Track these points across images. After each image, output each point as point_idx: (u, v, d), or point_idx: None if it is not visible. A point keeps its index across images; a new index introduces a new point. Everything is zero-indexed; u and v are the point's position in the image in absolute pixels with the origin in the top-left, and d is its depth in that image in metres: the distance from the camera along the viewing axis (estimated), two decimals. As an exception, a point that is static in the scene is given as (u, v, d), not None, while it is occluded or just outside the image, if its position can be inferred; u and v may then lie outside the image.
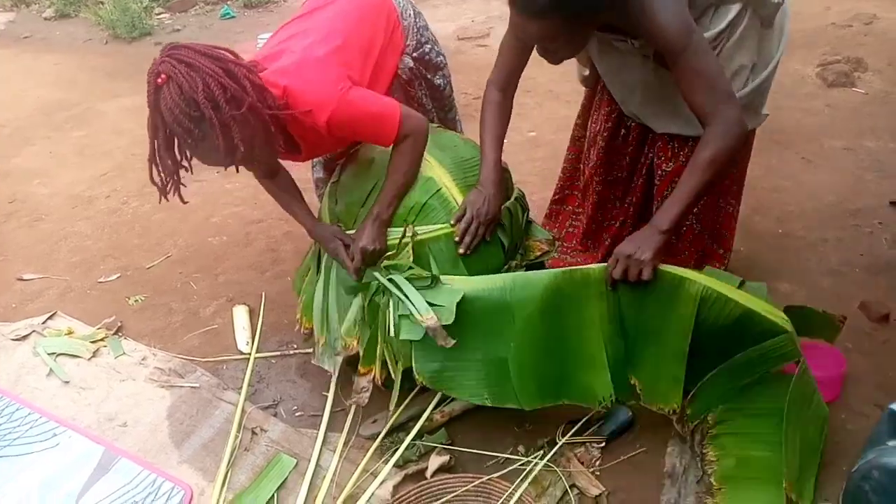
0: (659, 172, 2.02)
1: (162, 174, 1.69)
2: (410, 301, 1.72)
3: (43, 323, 2.47)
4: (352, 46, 1.87)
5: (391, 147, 1.87)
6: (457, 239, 1.85)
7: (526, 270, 1.93)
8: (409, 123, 1.82)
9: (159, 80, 1.56)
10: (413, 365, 1.75)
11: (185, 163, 1.68)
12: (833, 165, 3.00)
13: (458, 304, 1.69)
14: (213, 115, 1.55)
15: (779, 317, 1.67)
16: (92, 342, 2.35)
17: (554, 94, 3.87)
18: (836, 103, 3.50)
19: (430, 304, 1.70)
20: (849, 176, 2.93)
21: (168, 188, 1.71)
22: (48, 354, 2.30)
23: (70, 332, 2.40)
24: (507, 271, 1.92)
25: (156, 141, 1.63)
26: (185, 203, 1.81)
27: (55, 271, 2.83)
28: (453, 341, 1.68)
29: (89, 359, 2.29)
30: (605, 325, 1.71)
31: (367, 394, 1.90)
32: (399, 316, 1.74)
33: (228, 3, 6.16)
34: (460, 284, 1.76)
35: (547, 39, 1.58)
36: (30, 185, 3.55)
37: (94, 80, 4.88)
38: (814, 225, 2.64)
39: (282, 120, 1.73)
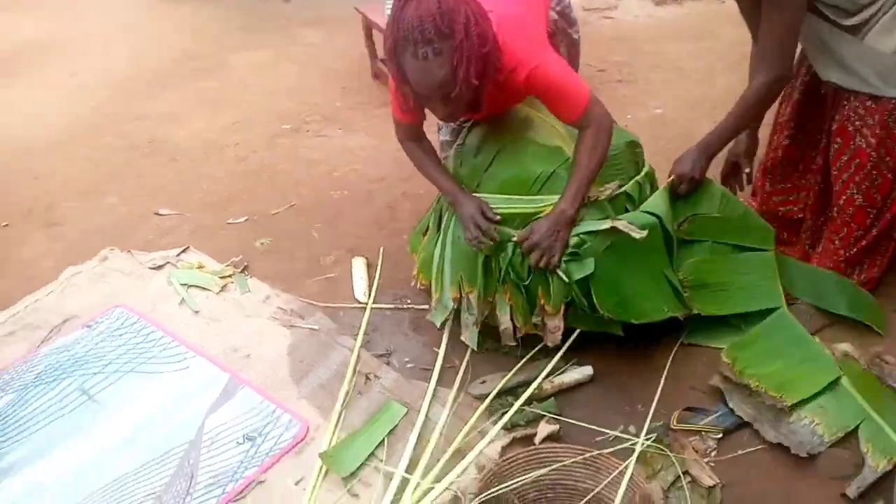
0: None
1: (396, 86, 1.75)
2: (585, 230, 1.83)
3: (177, 255, 2.63)
4: (534, 5, 1.89)
5: (570, 134, 1.86)
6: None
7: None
8: (597, 110, 1.82)
9: None
10: (594, 301, 1.84)
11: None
12: None
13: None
14: (463, 41, 1.59)
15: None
16: (220, 277, 2.48)
17: (684, 72, 3.73)
18: None
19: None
20: None
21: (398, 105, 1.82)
22: (181, 285, 2.45)
23: (201, 267, 2.55)
24: None
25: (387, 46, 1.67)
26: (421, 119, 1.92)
27: (188, 210, 2.99)
28: (644, 232, 1.80)
29: (217, 293, 2.43)
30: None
31: (559, 333, 1.93)
32: (565, 262, 1.83)
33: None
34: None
35: None
36: (166, 128, 3.75)
37: (226, 32, 5.06)
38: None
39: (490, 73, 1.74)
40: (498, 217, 1.89)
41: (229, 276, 2.50)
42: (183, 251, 2.66)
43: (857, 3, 1.76)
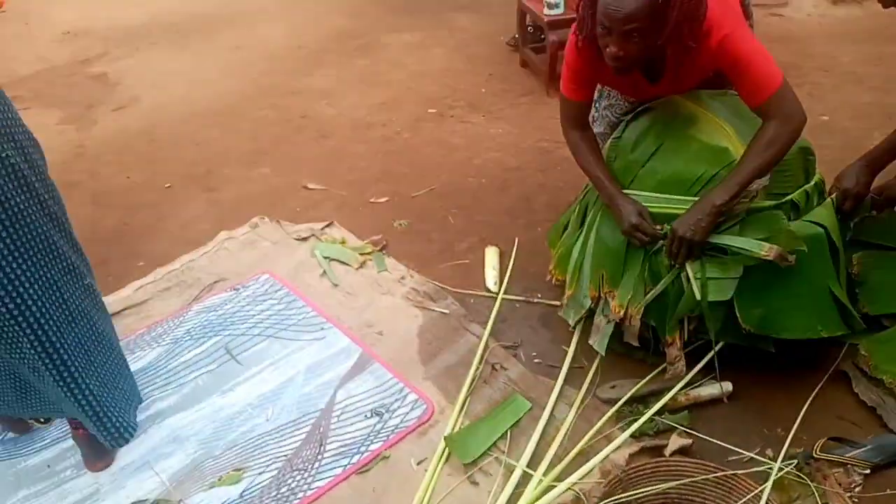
0: None
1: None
2: (739, 246, 1.73)
3: (321, 229, 2.75)
4: None
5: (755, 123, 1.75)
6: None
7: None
8: (788, 103, 1.70)
9: None
10: (738, 314, 1.76)
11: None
12: None
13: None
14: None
15: None
16: (360, 254, 2.57)
17: (856, 77, 3.44)
18: None
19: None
20: None
21: (580, 27, 1.74)
22: (323, 258, 2.56)
23: (343, 242, 2.65)
24: None
25: None
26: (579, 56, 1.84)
27: (334, 185, 3.11)
28: (793, 258, 1.70)
29: (356, 269, 2.51)
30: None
31: (682, 363, 1.87)
32: (706, 278, 1.76)
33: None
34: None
35: None
36: (319, 104, 3.92)
37: (382, 13, 5.20)
38: None
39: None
40: (658, 230, 1.81)
41: (368, 253, 2.58)
42: (327, 225, 2.78)
43: None
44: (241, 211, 2.94)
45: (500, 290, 2.38)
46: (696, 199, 1.80)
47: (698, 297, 1.75)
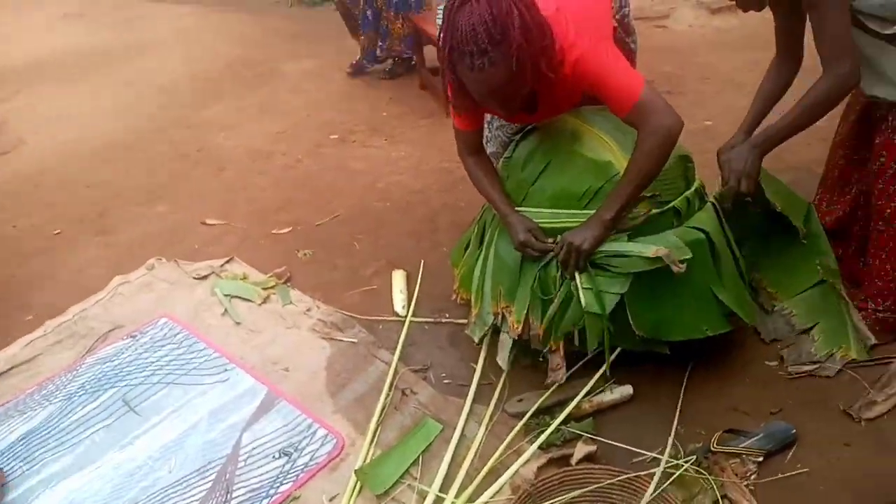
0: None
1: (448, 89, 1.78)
2: (628, 251, 1.80)
3: (221, 266, 2.68)
4: (593, 5, 1.89)
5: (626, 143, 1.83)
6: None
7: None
8: (655, 110, 1.71)
9: None
10: (631, 321, 1.82)
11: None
12: None
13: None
14: (522, 41, 1.57)
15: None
16: (263, 289, 2.52)
17: (735, 83, 3.64)
18: None
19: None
20: None
21: (449, 103, 1.82)
22: (224, 295, 2.50)
23: (244, 277, 2.59)
24: None
25: (441, 54, 1.68)
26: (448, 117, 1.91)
27: (234, 219, 3.05)
28: (683, 267, 1.76)
29: (260, 304, 2.46)
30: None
31: (562, 371, 1.91)
32: (596, 290, 1.81)
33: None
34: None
35: None
36: (216, 136, 3.84)
37: (279, 41, 5.16)
38: None
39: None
40: (549, 244, 1.86)
41: (272, 287, 2.54)
42: (228, 261, 2.71)
43: (893, 9, 1.70)
44: (137, 253, 2.84)
45: (408, 313, 2.38)
46: (586, 211, 1.86)
47: (584, 305, 1.80)
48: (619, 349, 1.93)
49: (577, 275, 1.82)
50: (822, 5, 1.70)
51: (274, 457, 1.87)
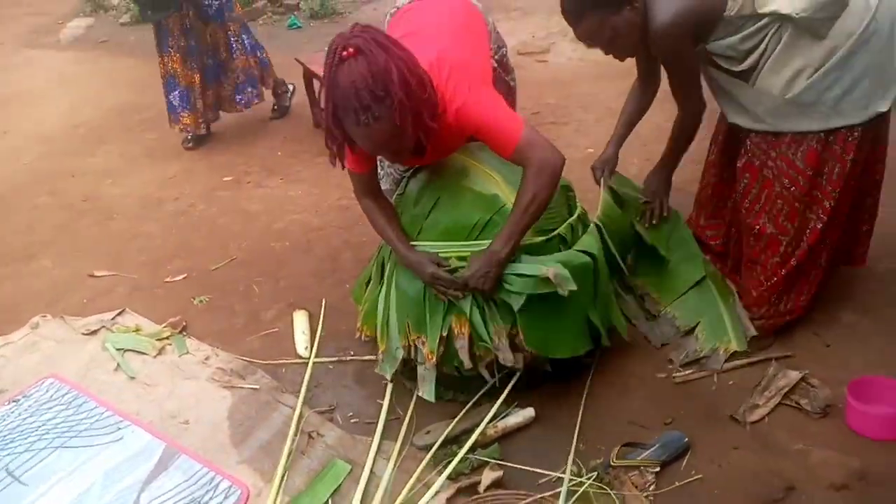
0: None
1: (331, 144, 1.77)
2: (519, 272, 1.86)
3: (112, 319, 2.57)
4: (473, 47, 1.96)
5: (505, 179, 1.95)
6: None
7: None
8: (536, 149, 1.80)
9: (346, 53, 1.60)
10: (523, 337, 1.90)
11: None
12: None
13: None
14: (403, 97, 1.60)
15: None
16: (158, 340, 2.43)
17: (612, 111, 3.82)
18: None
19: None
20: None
21: (335, 158, 1.81)
22: (116, 350, 2.39)
23: (137, 330, 2.50)
24: None
25: (325, 111, 1.70)
26: (343, 168, 1.92)
27: (124, 269, 2.94)
28: (574, 286, 1.83)
29: (155, 356, 2.38)
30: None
31: (512, 356, 1.93)
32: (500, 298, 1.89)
33: (295, 13, 6.30)
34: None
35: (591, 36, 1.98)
36: (102, 185, 3.70)
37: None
38: (879, 255, 2.54)
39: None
40: (450, 266, 1.90)
41: (167, 337, 2.45)
42: (119, 314, 2.61)
43: (741, 49, 1.90)
44: (19, 311, 2.69)
45: (311, 354, 2.35)
46: (476, 243, 1.92)
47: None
48: (517, 375, 1.99)
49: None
50: (672, 66, 2.00)
51: (176, 514, 1.80)
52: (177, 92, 3.85)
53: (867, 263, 2.32)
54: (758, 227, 2.09)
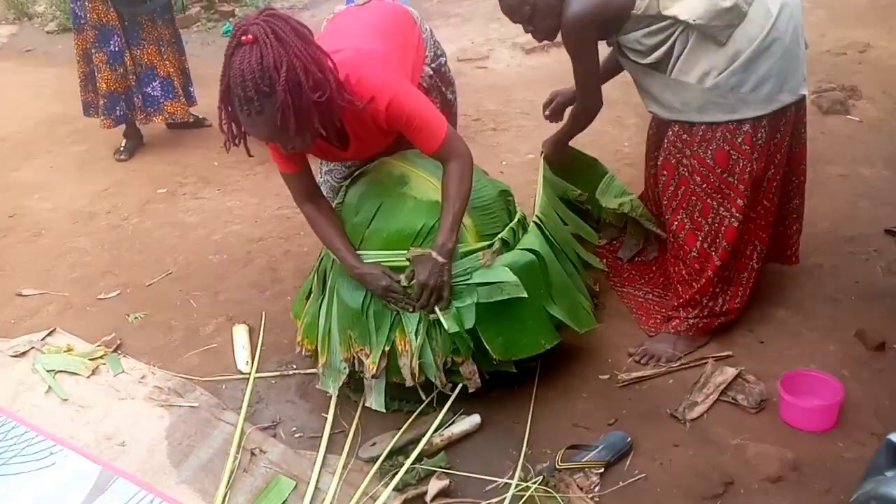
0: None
1: (223, 124, 1.73)
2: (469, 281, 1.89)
3: (42, 339, 2.47)
4: (399, 49, 1.97)
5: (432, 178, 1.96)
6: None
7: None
8: (457, 143, 1.90)
9: (244, 38, 1.58)
10: (486, 346, 1.90)
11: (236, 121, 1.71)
12: (828, 192, 3.02)
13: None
14: (287, 98, 1.57)
15: None
16: (91, 360, 2.35)
17: (553, 117, 3.90)
18: (832, 130, 3.53)
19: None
20: (843, 203, 2.95)
21: (227, 140, 1.77)
22: (47, 372, 2.30)
23: (69, 349, 2.40)
24: None
25: (220, 88, 1.65)
26: (250, 156, 1.88)
27: (54, 287, 2.83)
28: (523, 292, 1.88)
29: (88, 377, 2.29)
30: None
31: (476, 376, 1.96)
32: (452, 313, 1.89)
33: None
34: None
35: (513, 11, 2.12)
36: (30, 200, 3.56)
37: (96, 94, 4.88)
38: (809, 251, 2.66)
39: (344, 112, 1.76)
40: (401, 279, 1.89)
41: (100, 356, 2.37)
42: (49, 333, 2.51)
43: (647, 44, 2.02)
44: (-60, 334, 2.56)
45: (252, 369, 2.31)
46: (420, 249, 1.91)
47: (454, 329, 1.86)
48: (460, 386, 1.99)
49: (436, 309, 1.88)
50: (574, 58, 2.11)
51: (113, 541, 1.74)
52: (157, 82, 3.81)
53: (800, 262, 2.42)
54: (675, 223, 2.18)
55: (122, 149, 3.91)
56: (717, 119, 2.00)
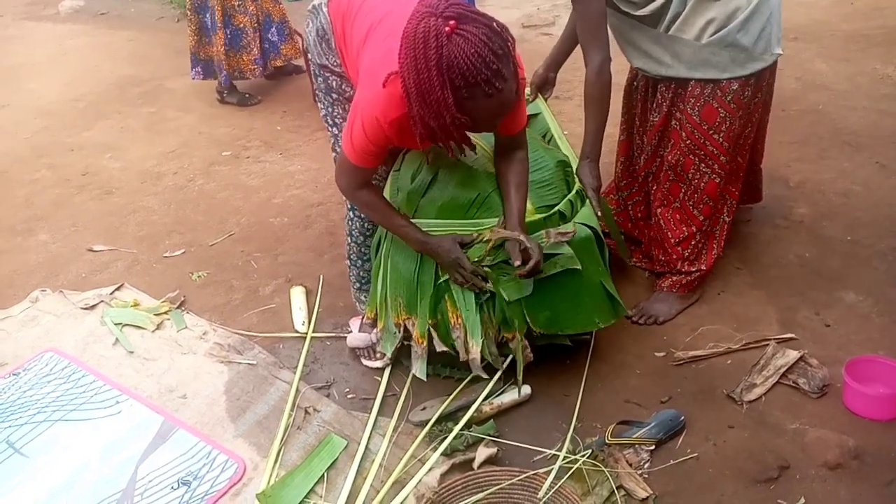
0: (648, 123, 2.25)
1: (452, 137, 1.62)
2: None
3: (111, 294, 2.57)
4: None
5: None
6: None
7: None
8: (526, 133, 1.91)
9: (448, 28, 1.45)
10: (527, 319, 1.87)
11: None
12: (910, 172, 2.88)
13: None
14: (513, 67, 1.53)
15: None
16: (156, 315, 2.43)
17: (619, 87, 3.75)
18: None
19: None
20: (926, 183, 2.81)
21: (451, 146, 1.66)
22: (115, 325, 2.39)
23: (136, 304, 2.50)
24: None
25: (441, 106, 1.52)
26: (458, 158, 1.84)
27: (123, 244, 2.93)
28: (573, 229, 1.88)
29: (153, 331, 2.38)
30: None
31: (529, 351, 1.96)
32: (503, 282, 1.86)
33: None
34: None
35: None
36: (101, 159, 3.68)
37: (165, 57, 4.99)
38: (885, 233, 2.54)
39: None
40: (473, 239, 1.86)
41: (165, 312, 2.45)
42: (117, 288, 2.61)
43: None
44: (18, 286, 2.70)
45: (308, 329, 2.35)
46: (473, 221, 1.90)
47: (514, 297, 1.85)
48: (510, 358, 1.98)
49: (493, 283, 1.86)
50: (575, 2, 2.00)
51: (172, 487, 1.82)
52: (274, 28, 4.04)
53: (763, 199, 2.56)
54: (661, 174, 2.21)
55: (247, 95, 4.16)
56: (708, 76, 2.01)
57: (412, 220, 1.93)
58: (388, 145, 1.75)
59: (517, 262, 1.78)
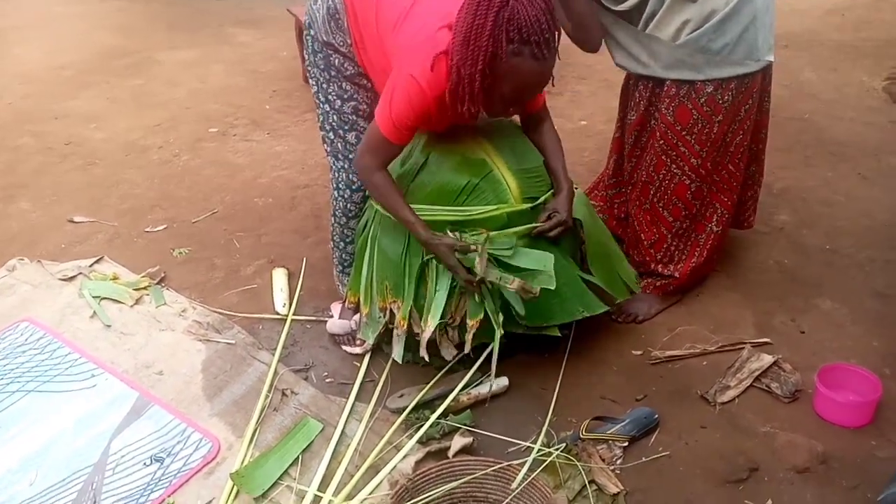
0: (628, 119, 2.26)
1: (472, 92, 1.67)
2: (492, 280, 1.83)
3: (90, 266, 2.55)
4: None
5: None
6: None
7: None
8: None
9: None
10: (515, 312, 1.88)
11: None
12: (890, 183, 2.92)
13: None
14: (556, 47, 1.64)
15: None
16: (135, 289, 2.42)
17: (609, 84, 3.81)
18: (900, 120, 3.40)
19: (523, 270, 1.85)
20: (905, 196, 2.85)
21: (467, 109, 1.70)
22: (93, 297, 2.37)
23: (115, 278, 2.47)
24: None
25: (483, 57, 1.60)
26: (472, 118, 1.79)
27: (104, 216, 2.90)
28: (537, 289, 1.81)
29: (132, 306, 2.36)
30: None
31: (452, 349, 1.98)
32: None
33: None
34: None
35: None
36: (86, 129, 3.63)
37: (155, 29, 4.94)
38: (864, 243, 2.58)
39: None
40: (472, 247, 1.83)
41: (144, 287, 2.43)
42: (97, 261, 2.58)
43: None
44: (-4, 253, 2.66)
45: (289, 312, 2.35)
46: (462, 208, 1.90)
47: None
48: (493, 344, 1.99)
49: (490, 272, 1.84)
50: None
51: (145, 463, 1.81)
52: None
53: (754, 226, 2.49)
54: (636, 174, 2.24)
55: None
56: (683, 77, 2.01)
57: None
58: (425, 122, 1.81)
59: (543, 221, 1.90)
